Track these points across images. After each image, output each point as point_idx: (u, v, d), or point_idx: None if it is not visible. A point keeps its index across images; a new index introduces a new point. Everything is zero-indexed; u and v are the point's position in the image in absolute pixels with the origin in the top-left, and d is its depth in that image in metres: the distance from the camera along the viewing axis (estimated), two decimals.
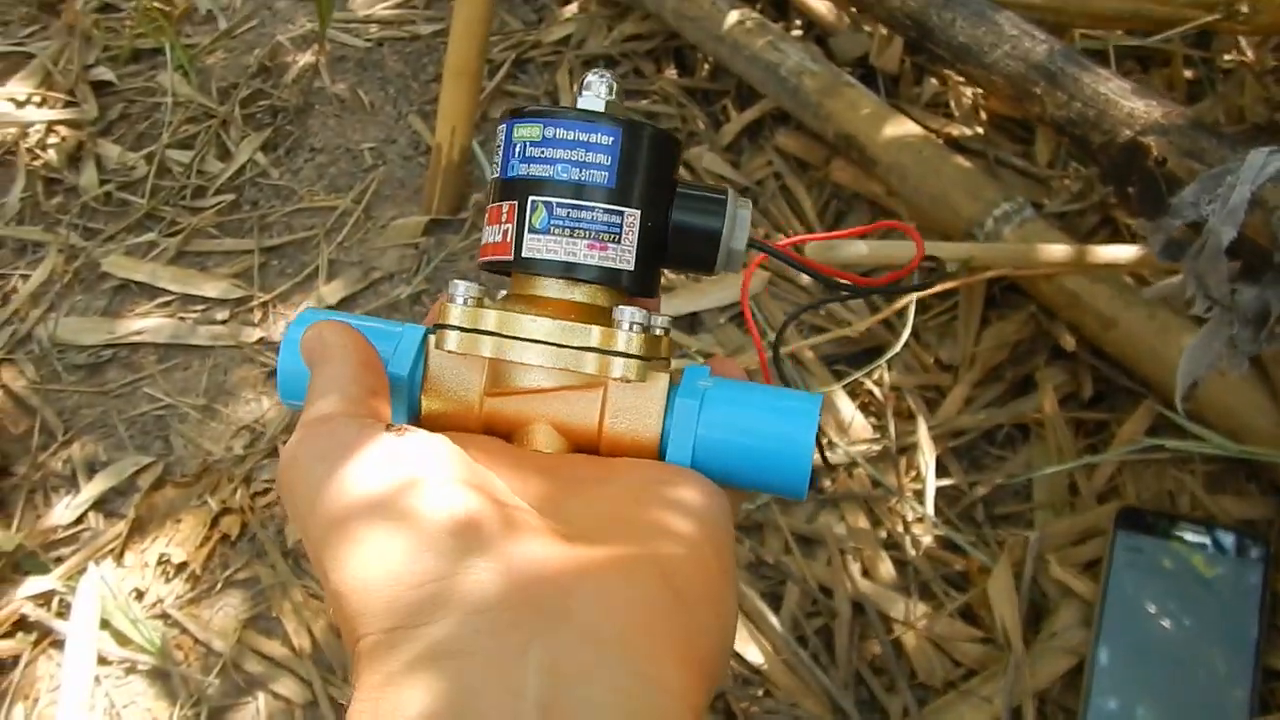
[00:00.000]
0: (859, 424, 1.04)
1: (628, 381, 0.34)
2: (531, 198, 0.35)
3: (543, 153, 0.35)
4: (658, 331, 0.35)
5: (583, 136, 0.35)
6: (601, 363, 0.33)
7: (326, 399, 0.31)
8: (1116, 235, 1.09)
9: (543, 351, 0.34)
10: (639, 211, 0.35)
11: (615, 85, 0.37)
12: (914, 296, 1.00)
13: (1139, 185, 0.71)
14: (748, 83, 1.25)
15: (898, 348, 0.97)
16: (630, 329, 0.33)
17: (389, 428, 0.29)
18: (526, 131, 0.36)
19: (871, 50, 1.22)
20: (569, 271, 0.35)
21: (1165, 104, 0.73)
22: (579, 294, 0.36)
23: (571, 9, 1.46)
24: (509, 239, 0.36)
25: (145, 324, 1.18)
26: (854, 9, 0.99)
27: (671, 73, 1.37)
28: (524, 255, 0.35)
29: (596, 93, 0.36)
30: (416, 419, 0.36)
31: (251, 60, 1.47)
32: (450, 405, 0.35)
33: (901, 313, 1.02)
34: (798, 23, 1.33)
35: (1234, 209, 0.67)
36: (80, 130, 1.39)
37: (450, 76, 1.18)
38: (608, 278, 0.35)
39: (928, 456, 1.00)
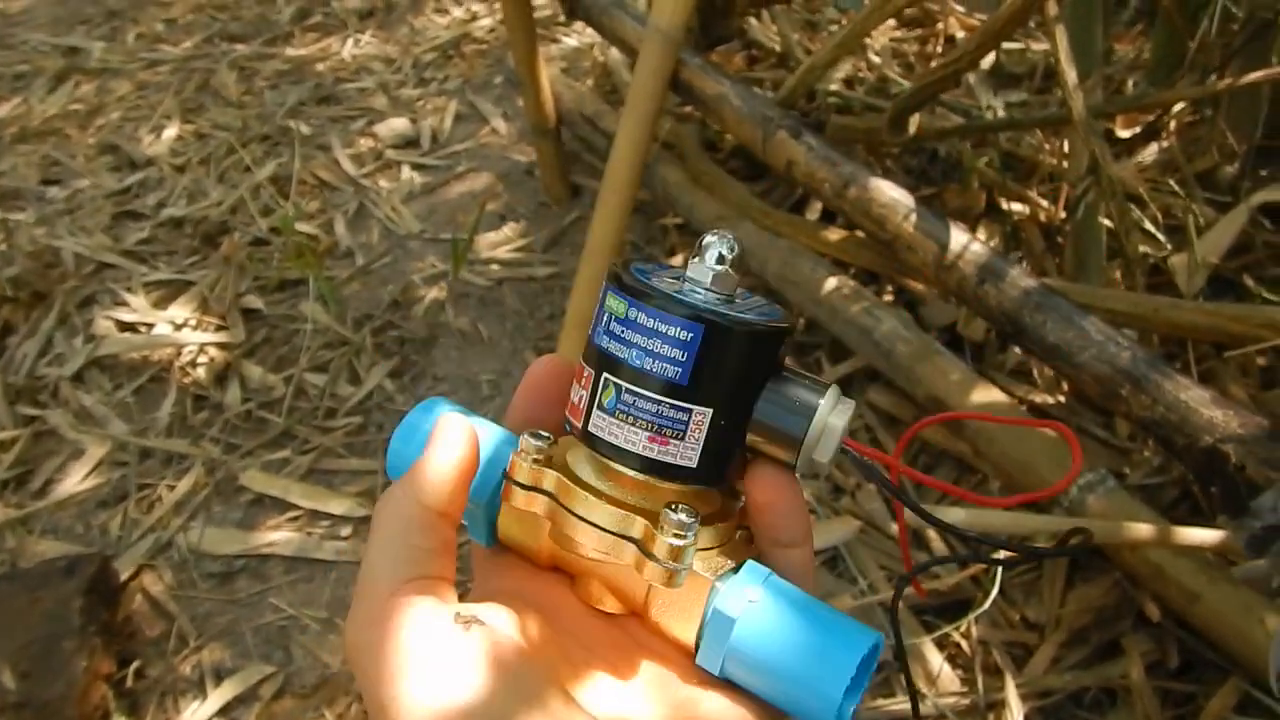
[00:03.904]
0: (946, 675, 1.08)
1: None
2: (605, 375, 0.34)
3: (624, 332, 0.34)
4: (687, 538, 0.33)
5: (662, 328, 0.33)
6: (637, 560, 0.33)
7: (379, 572, 0.32)
8: (1196, 510, 1.14)
9: (590, 530, 0.34)
10: (711, 411, 0.34)
11: (736, 247, 0.35)
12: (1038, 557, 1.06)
13: (1220, 486, 0.77)
14: (842, 340, 1.35)
15: (987, 604, 1.02)
16: (672, 535, 0.33)
17: (457, 616, 0.31)
18: (615, 305, 0.34)
19: (959, 320, 1.33)
20: (624, 459, 0.35)
21: (1242, 414, 0.80)
22: (639, 477, 0.35)
23: (677, 260, 1.60)
24: (581, 407, 0.35)
25: (275, 537, 1.28)
26: (955, 299, 1.09)
27: None
28: (589, 429, 0.35)
29: (711, 258, 0.35)
30: (494, 533, 0.38)
31: (385, 294, 1.62)
32: (521, 539, 0.37)
33: (989, 569, 1.08)
34: (889, 288, 1.44)
35: None
36: (228, 352, 1.54)
37: (573, 326, 1.31)
38: (667, 471, 0.34)
39: (1016, 715, 1.03)
